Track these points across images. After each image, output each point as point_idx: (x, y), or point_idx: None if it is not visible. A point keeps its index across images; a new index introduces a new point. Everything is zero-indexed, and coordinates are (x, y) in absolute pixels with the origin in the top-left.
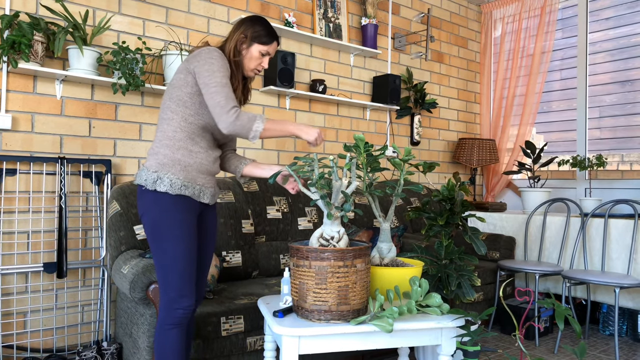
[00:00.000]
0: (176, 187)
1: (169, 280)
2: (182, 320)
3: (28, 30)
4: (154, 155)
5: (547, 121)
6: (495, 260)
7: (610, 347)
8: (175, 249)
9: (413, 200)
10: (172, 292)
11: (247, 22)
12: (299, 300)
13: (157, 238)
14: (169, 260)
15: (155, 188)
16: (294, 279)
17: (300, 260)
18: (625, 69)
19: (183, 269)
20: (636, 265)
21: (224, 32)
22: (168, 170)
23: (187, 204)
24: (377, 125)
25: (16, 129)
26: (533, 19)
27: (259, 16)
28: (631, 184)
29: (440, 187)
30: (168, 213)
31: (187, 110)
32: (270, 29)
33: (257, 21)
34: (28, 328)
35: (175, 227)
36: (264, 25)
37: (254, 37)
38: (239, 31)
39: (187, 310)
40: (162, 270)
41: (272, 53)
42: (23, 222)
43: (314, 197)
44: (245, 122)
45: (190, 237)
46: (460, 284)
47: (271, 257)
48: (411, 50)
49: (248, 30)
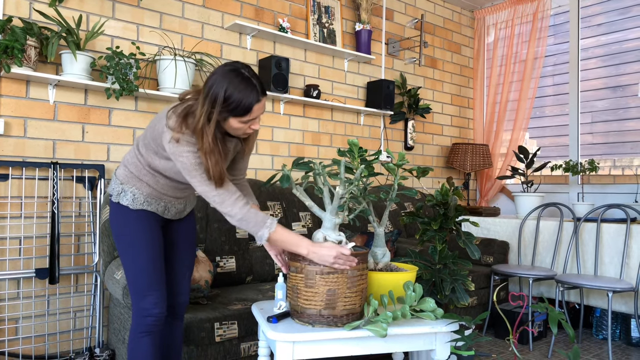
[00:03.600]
0: (138, 203)
1: (137, 289)
2: (152, 327)
3: (21, 35)
4: (123, 167)
5: (540, 126)
6: (489, 264)
7: (604, 351)
8: (139, 259)
9: (407, 205)
10: (141, 301)
11: (215, 90)
12: (309, 306)
13: (122, 249)
14: (136, 270)
15: (118, 200)
16: (296, 285)
17: (307, 264)
18: (617, 74)
19: (150, 278)
20: (629, 269)
21: (218, 37)
22: (133, 185)
23: (150, 215)
24: (371, 130)
25: (8, 134)
26: (525, 25)
27: (233, 71)
28: (623, 189)
29: (434, 192)
30: (129, 226)
31: (154, 161)
32: (248, 91)
33: (230, 86)
34: (20, 334)
35: (137, 238)
36: (238, 90)
37: (229, 111)
38: (205, 104)
39: (157, 317)
40: (130, 279)
41: (260, 113)
42: (15, 227)
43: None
44: (252, 225)
45: (154, 247)
46: (454, 288)
47: (265, 262)
48: (405, 55)
49: (216, 106)
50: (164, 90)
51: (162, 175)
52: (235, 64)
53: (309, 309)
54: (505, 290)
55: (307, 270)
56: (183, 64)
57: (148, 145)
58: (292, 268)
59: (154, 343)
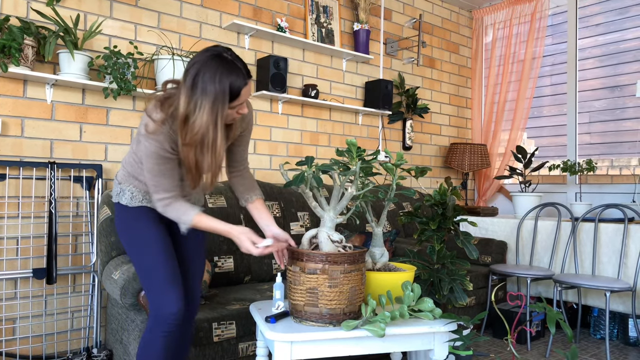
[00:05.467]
0: (137, 200)
1: (152, 287)
2: (171, 327)
3: (18, 34)
4: (122, 168)
5: (538, 126)
6: (487, 264)
7: (602, 351)
8: (149, 255)
9: (405, 205)
10: (160, 297)
11: (195, 79)
12: (304, 304)
13: (131, 248)
14: (148, 267)
15: (118, 200)
16: (295, 284)
17: (312, 263)
18: (615, 74)
19: (164, 274)
20: (626, 269)
21: (216, 37)
22: (130, 183)
23: (151, 211)
24: (369, 130)
25: (6, 134)
26: (523, 25)
27: (216, 56)
28: (620, 189)
29: (432, 192)
30: (132, 223)
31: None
32: (234, 76)
33: (210, 70)
34: (17, 335)
35: (142, 235)
36: (220, 75)
37: (211, 102)
38: (185, 94)
39: (177, 316)
40: (144, 278)
41: (247, 97)
42: (12, 227)
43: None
44: (174, 215)
45: (161, 241)
46: (453, 288)
47: (263, 262)
48: (403, 55)
49: (198, 96)
50: None
51: None
52: (216, 49)
53: (309, 307)
54: (503, 290)
55: (309, 269)
56: (181, 64)
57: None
58: (292, 267)
59: (168, 345)
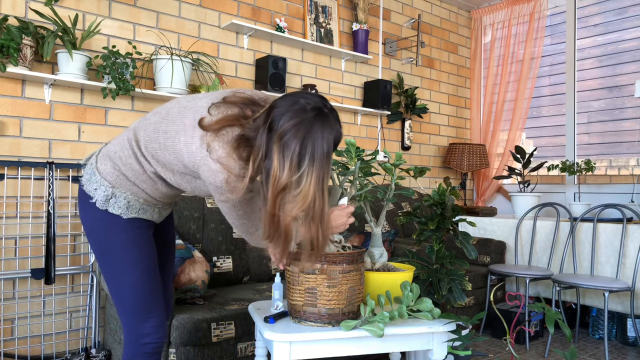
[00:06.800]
0: (133, 210)
1: (135, 311)
2: (151, 356)
3: (17, 34)
4: (112, 165)
5: (537, 126)
6: (485, 264)
7: (600, 351)
8: (132, 273)
9: (404, 205)
10: (140, 325)
11: (303, 148)
12: (303, 304)
13: (109, 263)
14: (133, 289)
15: (106, 208)
16: (294, 284)
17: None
18: (613, 74)
19: (152, 297)
20: (625, 269)
21: (215, 36)
22: (127, 189)
23: (143, 223)
24: (368, 130)
25: (4, 134)
26: (522, 25)
27: (316, 116)
28: (619, 189)
29: (431, 192)
30: (120, 234)
31: (167, 175)
32: (334, 132)
33: (318, 133)
34: (15, 335)
35: (130, 248)
36: (327, 138)
37: (319, 169)
38: (289, 163)
39: (158, 344)
40: (124, 301)
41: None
42: (10, 227)
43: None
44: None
45: (148, 257)
46: (451, 288)
47: (262, 262)
48: (402, 55)
49: (305, 167)
50: (161, 90)
51: (166, 184)
52: (315, 100)
53: (324, 307)
54: (502, 290)
55: (307, 269)
56: (180, 64)
57: (160, 160)
58: (291, 267)
59: None
